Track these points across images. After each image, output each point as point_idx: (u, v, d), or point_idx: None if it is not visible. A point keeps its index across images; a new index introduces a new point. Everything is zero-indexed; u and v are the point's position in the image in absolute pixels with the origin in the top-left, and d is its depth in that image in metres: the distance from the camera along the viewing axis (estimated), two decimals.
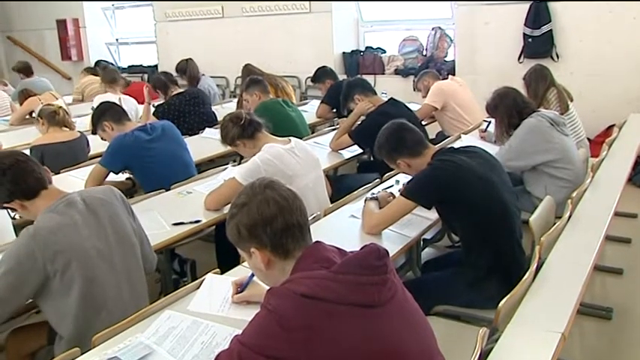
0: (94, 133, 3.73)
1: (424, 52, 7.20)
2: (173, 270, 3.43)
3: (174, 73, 6.65)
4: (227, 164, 3.97)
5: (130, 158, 3.44)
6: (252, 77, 4.80)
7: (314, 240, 1.65)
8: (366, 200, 2.88)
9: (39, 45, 10.41)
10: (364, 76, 6.33)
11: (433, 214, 2.81)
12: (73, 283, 2.04)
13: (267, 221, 1.59)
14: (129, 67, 9.54)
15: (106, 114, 3.62)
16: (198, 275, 3.49)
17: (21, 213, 2.23)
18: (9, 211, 2.46)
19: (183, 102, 4.97)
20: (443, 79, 5.38)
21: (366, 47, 7.69)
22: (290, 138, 3.13)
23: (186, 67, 6.58)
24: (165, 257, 3.09)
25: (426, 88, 5.28)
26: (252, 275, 2.01)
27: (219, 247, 3.46)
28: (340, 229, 2.77)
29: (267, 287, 1.71)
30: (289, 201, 1.63)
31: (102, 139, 3.70)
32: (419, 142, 2.73)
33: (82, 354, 1.84)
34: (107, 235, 2.17)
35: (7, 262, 2.01)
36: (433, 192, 2.57)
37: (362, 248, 1.50)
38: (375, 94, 4.40)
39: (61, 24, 9.90)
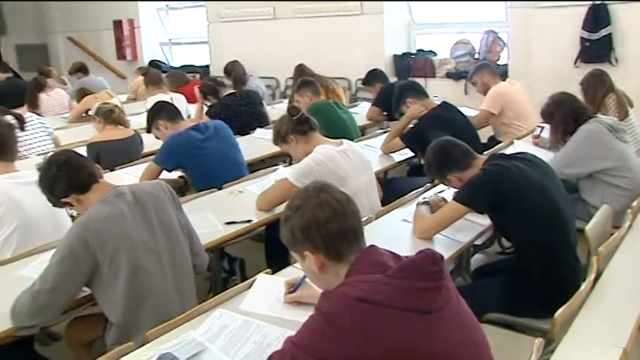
0: (148, 131, 3.81)
1: (476, 56, 7.11)
2: (222, 268, 3.47)
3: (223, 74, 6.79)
4: (277, 165, 4.00)
5: (183, 156, 3.50)
6: (303, 78, 4.82)
7: (367, 244, 1.64)
8: (417, 204, 2.86)
9: (96, 45, 10.68)
10: (415, 79, 6.27)
11: (485, 220, 2.77)
12: (120, 271, 2.11)
13: (322, 224, 1.59)
14: (181, 66, 9.68)
15: (161, 113, 3.70)
16: (247, 274, 3.56)
17: (77, 207, 2.32)
18: (67, 209, 2.55)
19: (235, 102, 5.03)
20: (500, 78, 5.27)
21: (417, 50, 7.62)
22: (342, 140, 3.12)
23: (232, 69, 6.65)
24: (215, 256, 3.12)
25: (483, 84, 5.15)
26: (305, 276, 2.02)
27: (269, 246, 3.49)
28: (391, 232, 2.76)
29: (319, 289, 1.72)
30: (344, 204, 1.63)
31: (156, 137, 3.78)
32: (467, 155, 2.70)
33: (137, 348, 1.88)
34: (153, 227, 2.23)
35: (61, 251, 2.11)
36: (486, 196, 2.53)
37: (417, 253, 1.49)
38: (428, 97, 4.36)
39: (117, 24, 10.14)
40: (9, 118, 3.92)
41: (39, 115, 5.25)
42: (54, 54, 11.44)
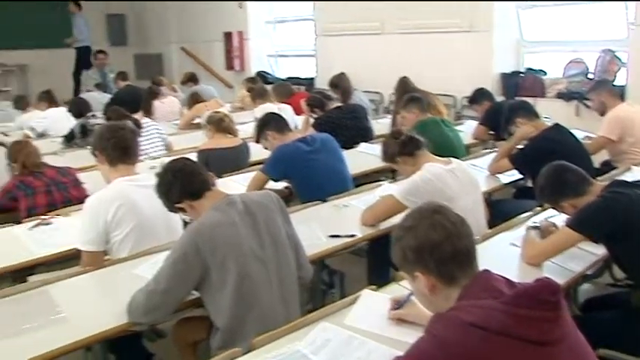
0: (257, 141, 3.91)
1: (590, 75, 6.80)
2: (322, 280, 3.49)
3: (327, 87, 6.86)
4: (381, 180, 3.99)
5: (290, 168, 3.57)
6: (411, 95, 4.79)
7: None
8: (527, 229, 2.77)
9: (207, 55, 11.14)
10: (523, 99, 6.09)
11: (599, 249, 2.64)
12: (228, 278, 2.17)
13: (434, 246, 1.57)
14: (287, 78, 9.89)
15: (270, 124, 3.79)
16: (346, 288, 3.57)
17: (189, 213, 2.41)
18: (180, 214, 2.66)
19: (341, 115, 5.08)
20: (620, 99, 4.97)
21: (527, 68, 7.40)
22: (450, 158, 3.08)
23: (339, 82, 6.69)
24: (316, 267, 3.15)
25: (600, 103, 4.85)
26: (410, 294, 2.00)
27: (372, 262, 3.47)
28: (499, 256, 2.67)
29: (425, 308, 1.70)
30: (457, 226, 1.60)
31: (265, 147, 3.87)
32: (583, 181, 2.59)
33: (243, 355, 1.92)
34: (262, 237, 2.28)
35: (174, 254, 2.20)
36: (603, 224, 2.41)
37: (535, 281, 1.44)
38: (539, 118, 4.22)
39: (228, 36, 10.52)
40: (129, 123, 4.13)
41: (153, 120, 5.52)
42: (168, 63, 12.03)
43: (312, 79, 9.38)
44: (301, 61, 10.06)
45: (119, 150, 2.88)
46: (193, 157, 4.28)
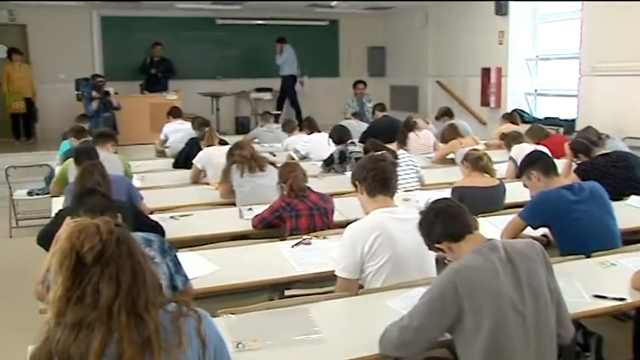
0: (518, 177, 3.71)
1: None
2: (576, 341, 3.21)
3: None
4: None
5: (551, 216, 3.35)
6: None
7: None
8: None
9: (462, 90, 11.10)
10: None
11: None
12: (483, 325, 2.09)
13: None
14: (545, 118, 9.44)
15: (537, 164, 3.59)
16: (603, 354, 3.24)
17: (448, 254, 2.39)
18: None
19: (609, 163, 4.67)
20: None
21: None
22: None
23: None
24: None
25: None
26: None
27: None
28: None
29: None
30: None
31: (524, 186, 3.67)
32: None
33: None
34: (522, 288, 2.17)
35: (431, 292, 2.19)
36: None
37: None
38: None
39: (485, 72, 10.37)
40: (388, 155, 4.24)
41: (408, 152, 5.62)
42: (423, 96, 12.26)
43: (572, 120, 8.81)
44: (562, 101, 9.53)
45: (379, 181, 2.96)
46: (447, 193, 4.32)
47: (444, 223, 2.36)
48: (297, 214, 3.78)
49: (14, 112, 10.30)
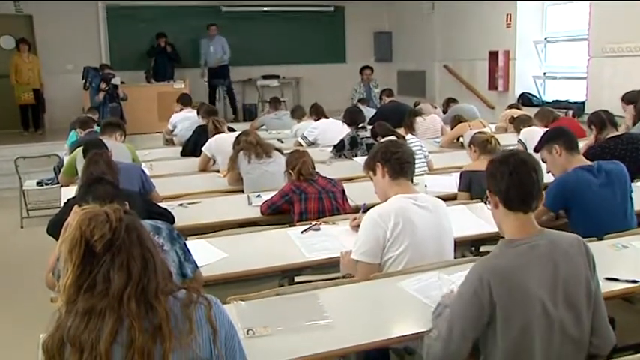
0: (536, 150, 3.60)
1: None
2: None
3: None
4: None
5: (570, 198, 3.35)
6: None
7: None
8: None
9: (470, 74, 11.02)
10: None
11: None
12: (509, 326, 2.01)
13: None
14: (553, 101, 9.36)
15: (561, 139, 3.52)
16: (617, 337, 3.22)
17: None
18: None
19: (619, 145, 4.63)
20: None
21: None
22: None
23: (636, 99, 5.93)
24: None
25: None
26: None
27: None
28: None
29: None
30: None
31: (542, 160, 3.46)
32: None
33: None
34: (557, 293, 2.05)
35: (462, 296, 2.08)
36: None
37: None
38: None
39: (493, 55, 10.27)
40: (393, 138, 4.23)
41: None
42: (430, 80, 12.17)
43: (582, 102, 8.74)
44: (571, 84, 9.44)
45: (404, 164, 2.91)
46: (455, 177, 4.30)
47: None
48: (306, 197, 3.78)
49: (23, 104, 10.34)
